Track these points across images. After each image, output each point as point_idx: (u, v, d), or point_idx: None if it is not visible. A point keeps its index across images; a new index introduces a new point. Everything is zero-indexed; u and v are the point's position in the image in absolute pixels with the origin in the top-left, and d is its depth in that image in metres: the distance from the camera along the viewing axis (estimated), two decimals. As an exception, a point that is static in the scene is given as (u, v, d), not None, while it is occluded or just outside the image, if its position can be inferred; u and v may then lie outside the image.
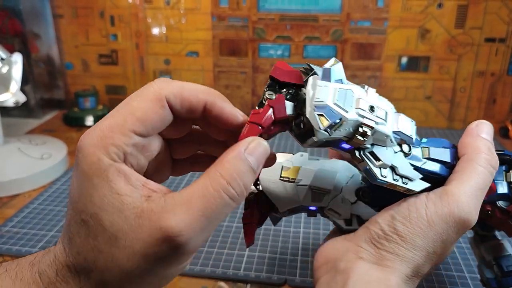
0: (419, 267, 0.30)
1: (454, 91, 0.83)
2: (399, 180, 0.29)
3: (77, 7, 0.87)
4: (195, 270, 0.45)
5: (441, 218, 0.29)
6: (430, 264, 0.30)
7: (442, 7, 0.78)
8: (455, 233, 0.29)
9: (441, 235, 0.29)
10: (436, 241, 0.29)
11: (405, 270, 0.29)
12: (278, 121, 0.27)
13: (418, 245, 0.29)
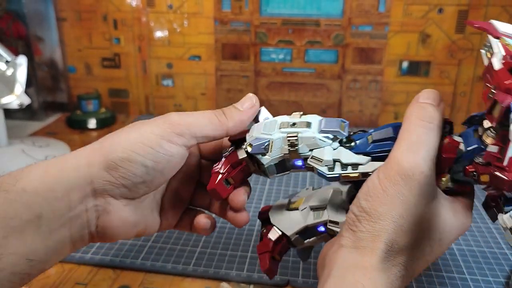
0: (392, 238, 0.29)
1: (454, 96, 0.84)
2: (348, 168, 0.32)
3: (81, 11, 0.88)
4: (199, 271, 0.45)
5: (390, 180, 0.29)
6: (405, 234, 0.29)
7: (443, 12, 0.79)
8: (409, 190, 0.29)
9: (398, 197, 0.29)
10: (395, 203, 0.29)
11: (379, 246, 0.29)
12: (236, 165, 0.35)
13: (381, 213, 0.29)
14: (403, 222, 0.29)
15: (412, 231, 0.29)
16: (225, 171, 0.35)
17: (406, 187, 0.29)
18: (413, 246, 0.30)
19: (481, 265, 0.47)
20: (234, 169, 0.36)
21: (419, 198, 0.29)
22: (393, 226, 0.29)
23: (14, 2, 0.83)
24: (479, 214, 0.57)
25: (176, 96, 0.92)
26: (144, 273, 0.45)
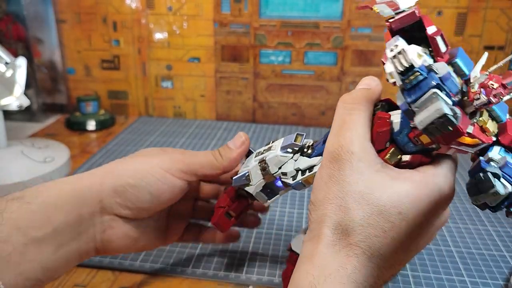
0: (335, 221, 0.29)
1: (453, 98, 0.84)
2: (306, 173, 0.36)
3: (80, 13, 0.88)
4: (197, 272, 0.45)
5: (323, 167, 0.31)
6: (348, 212, 0.29)
7: (442, 15, 0.79)
8: (339, 170, 0.30)
9: (330, 180, 0.30)
10: (329, 186, 0.30)
11: (324, 231, 0.29)
12: (234, 199, 0.41)
13: (320, 200, 0.30)
14: (341, 202, 0.29)
15: (355, 208, 0.29)
16: (226, 205, 0.40)
17: (335, 169, 0.30)
18: (364, 223, 0.29)
19: (480, 267, 0.47)
20: (233, 202, 0.41)
21: (353, 176, 0.29)
22: (332, 208, 0.29)
23: (14, 4, 0.83)
24: (478, 216, 0.57)
25: (175, 98, 0.92)
26: (143, 275, 0.45)
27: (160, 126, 0.87)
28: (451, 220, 0.56)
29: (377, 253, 0.29)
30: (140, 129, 0.86)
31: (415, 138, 0.30)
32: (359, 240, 0.29)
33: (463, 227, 0.54)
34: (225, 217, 0.41)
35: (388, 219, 0.29)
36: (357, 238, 0.29)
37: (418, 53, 0.27)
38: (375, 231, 0.29)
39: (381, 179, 0.30)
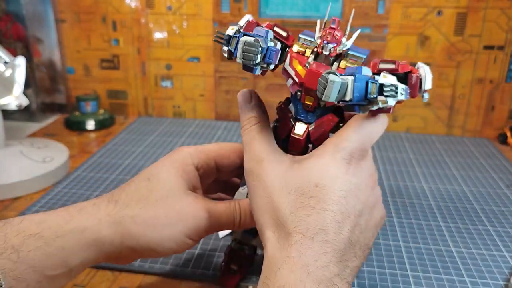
0: (273, 219, 0.31)
1: (453, 98, 0.84)
2: None
3: (80, 12, 0.88)
4: (197, 273, 0.45)
5: (245, 187, 0.35)
6: (277, 210, 0.31)
7: (442, 15, 0.79)
8: (256, 179, 0.33)
9: (251, 189, 0.34)
10: (252, 194, 0.33)
11: (269, 234, 0.31)
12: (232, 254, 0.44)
13: (255, 210, 0.33)
14: (268, 205, 0.32)
15: (281, 202, 0.31)
16: (223, 261, 0.44)
17: (254, 180, 0.33)
18: (293, 209, 0.31)
19: (480, 267, 0.47)
20: (230, 258, 0.44)
21: (269, 177, 0.33)
22: (266, 214, 0.32)
23: (13, 4, 0.83)
24: (478, 216, 0.57)
25: (175, 97, 0.92)
26: (142, 275, 0.45)
27: (159, 126, 0.87)
28: (451, 220, 0.55)
29: (318, 229, 0.29)
30: (139, 128, 0.85)
31: (305, 104, 0.35)
32: (295, 226, 0.30)
33: (463, 227, 0.54)
34: (229, 274, 0.43)
35: (309, 195, 0.30)
36: (293, 225, 0.30)
37: (231, 28, 0.34)
38: (305, 211, 0.30)
39: (290, 168, 0.33)
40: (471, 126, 0.85)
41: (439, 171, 0.69)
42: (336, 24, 0.33)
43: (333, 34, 0.33)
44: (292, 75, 0.35)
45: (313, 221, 0.29)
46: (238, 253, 0.44)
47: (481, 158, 0.75)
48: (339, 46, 0.33)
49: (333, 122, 0.35)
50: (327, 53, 0.34)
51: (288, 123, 0.36)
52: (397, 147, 0.79)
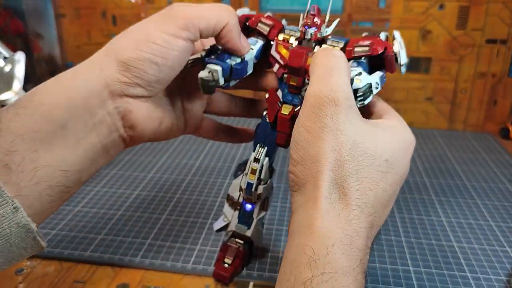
0: (335, 175, 0.28)
1: (455, 92, 0.83)
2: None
3: (79, 7, 0.88)
4: (198, 269, 0.45)
5: (305, 115, 0.31)
6: (343, 167, 0.28)
7: (444, 8, 0.78)
8: (332, 117, 0.29)
9: (318, 125, 0.29)
10: (320, 132, 0.29)
11: (324, 192, 0.27)
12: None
13: (311, 153, 0.29)
14: (336, 155, 0.28)
15: (350, 160, 0.28)
16: (220, 256, 0.44)
17: (328, 116, 0.28)
18: (360, 177, 0.28)
19: (482, 262, 0.46)
20: (224, 252, 0.44)
21: (346, 125, 0.29)
22: (328, 163, 0.28)
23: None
24: (480, 211, 0.56)
25: (175, 93, 0.91)
26: (143, 270, 0.45)
27: (160, 121, 0.87)
28: (453, 215, 0.55)
29: (373, 209, 0.28)
30: (140, 124, 0.85)
31: (290, 86, 0.37)
32: (356, 197, 0.27)
33: (465, 222, 0.54)
34: (222, 266, 0.43)
35: (378, 168, 0.28)
36: (355, 196, 0.27)
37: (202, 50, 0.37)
38: (369, 184, 0.28)
39: (370, 128, 0.30)
40: (473, 121, 0.85)
41: (441, 166, 0.69)
42: (316, 11, 0.37)
43: (312, 19, 0.37)
44: (278, 59, 0.38)
45: (373, 199, 0.28)
46: (233, 247, 0.44)
47: (483, 152, 0.75)
48: (319, 31, 0.37)
49: None
50: (308, 37, 0.37)
51: (276, 106, 0.38)
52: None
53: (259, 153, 0.40)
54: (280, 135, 0.38)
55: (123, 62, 0.31)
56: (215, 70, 0.34)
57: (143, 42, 0.32)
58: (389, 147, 0.29)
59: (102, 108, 0.31)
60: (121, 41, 0.33)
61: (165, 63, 0.32)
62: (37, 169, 0.28)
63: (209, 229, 0.51)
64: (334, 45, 0.37)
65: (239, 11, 0.40)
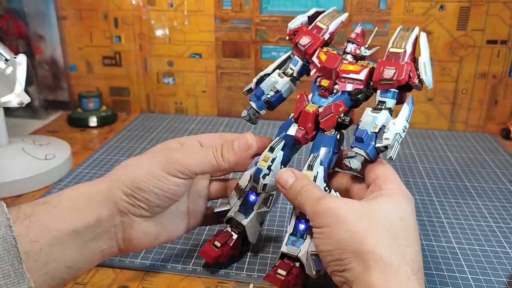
0: (346, 233, 0.33)
1: (456, 93, 0.83)
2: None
3: (81, 9, 0.88)
4: (198, 270, 0.45)
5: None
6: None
7: (444, 9, 0.78)
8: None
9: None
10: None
11: (350, 254, 0.33)
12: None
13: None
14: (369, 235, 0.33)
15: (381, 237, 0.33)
16: (213, 239, 0.44)
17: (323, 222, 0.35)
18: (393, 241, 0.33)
19: (483, 264, 0.46)
20: (217, 236, 0.44)
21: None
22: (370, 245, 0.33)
23: (14, 1, 0.83)
24: (481, 213, 0.56)
25: (177, 94, 0.92)
26: (144, 272, 0.45)
27: (161, 122, 0.87)
28: (454, 216, 0.55)
29: (418, 265, 0.33)
30: (141, 125, 0.85)
31: (321, 88, 0.41)
32: (401, 256, 0.32)
33: (465, 222, 0.54)
34: (211, 247, 0.44)
35: (399, 226, 0.33)
36: (395, 255, 0.32)
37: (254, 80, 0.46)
38: (403, 241, 0.33)
39: (364, 203, 0.35)
40: (474, 121, 0.84)
41: (442, 166, 0.69)
42: (360, 32, 0.42)
43: (355, 37, 0.41)
44: (316, 63, 0.42)
45: (413, 254, 0.32)
46: (226, 233, 0.45)
47: (484, 153, 0.75)
48: (359, 48, 0.41)
49: (342, 108, 0.40)
50: (348, 51, 0.41)
51: (303, 104, 0.41)
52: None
53: (276, 143, 0.41)
54: (299, 130, 0.41)
55: (129, 188, 0.37)
56: (249, 108, 0.45)
57: (146, 177, 0.37)
58: (393, 207, 0.34)
59: (110, 221, 0.37)
60: (127, 172, 0.38)
61: (165, 194, 0.38)
62: (48, 261, 0.32)
63: (209, 230, 0.51)
64: (368, 62, 0.41)
65: (301, 18, 0.46)
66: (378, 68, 0.39)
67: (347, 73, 0.40)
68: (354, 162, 0.38)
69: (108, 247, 0.37)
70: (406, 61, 0.39)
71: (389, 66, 0.38)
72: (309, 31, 0.43)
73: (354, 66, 0.40)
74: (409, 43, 0.39)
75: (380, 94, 0.39)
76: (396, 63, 0.39)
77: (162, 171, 0.37)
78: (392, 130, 0.37)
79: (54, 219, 0.33)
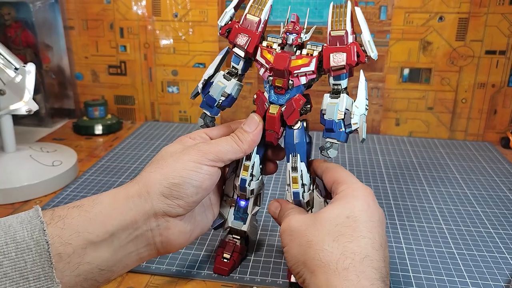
0: (302, 241, 0.37)
1: (455, 102, 0.84)
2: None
3: (88, 20, 0.90)
4: (203, 274, 0.46)
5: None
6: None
7: (443, 20, 0.80)
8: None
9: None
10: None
11: (310, 258, 0.36)
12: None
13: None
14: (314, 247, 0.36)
15: (320, 241, 0.36)
16: (220, 252, 0.46)
17: (286, 239, 0.39)
18: (335, 240, 0.35)
19: (482, 269, 0.47)
20: (224, 248, 0.47)
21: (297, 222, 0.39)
22: (315, 252, 0.35)
23: (23, 11, 0.84)
24: (481, 219, 0.57)
25: (181, 102, 0.93)
26: (149, 276, 0.46)
27: (166, 131, 0.88)
28: (454, 223, 0.56)
29: (364, 255, 0.34)
30: (146, 133, 0.87)
31: (276, 87, 0.42)
32: (342, 252, 0.34)
33: (465, 229, 0.55)
34: (221, 261, 0.46)
35: (344, 225, 0.35)
36: (339, 251, 0.34)
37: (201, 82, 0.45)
38: (345, 239, 0.35)
39: (313, 214, 0.38)
40: (474, 130, 0.86)
41: (442, 174, 0.70)
42: (295, 19, 0.41)
43: (293, 26, 0.41)
44: (263, 63, 0.41)
45: (356, 247, 0.34)
46: (230, 242, 0.47)
47: (484, 161, 0.76)
48: (299, 37, 0.41)
49: (302, 101, 0.41)
50: (290, 42, 0.41)
51: (264, 106, 0.42)
52: (400, 151, 0.80)
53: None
54: (269, 133, 0.42)
55: (168, 187, 0.37)
56: (204, 117, 0.45)
57: (183, 170, 0.38)
58: (340, 209, 0.37)
59: (146, 225, 0.37)
60: (162, 171, 0.38)
61: (201, 185, 0.39)
62: (81, 264, 0.33)
63: (214, 235, 0.52)
64: (313, 49, 0.41)
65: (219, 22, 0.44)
66: (326, 55, 0.39)
67: (298, 68, 0.40)
68: (332, 152, 0.41)
69: (145, 251, 0.38)
70: (351, 42, 0.39)
71: (336, 52, 0.39)
72: (242, 28, 0.42)
73: (303, 60, 0.40)
74: (347, 21, 0.40)
75: (333, 79, 0.41)
76: (342, 47, 0.39)
77: (196, 163, 0.38)
78: (357, 114, 0.40)
79: (88, 223, 0.34)
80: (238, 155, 0.41)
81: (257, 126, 0.42)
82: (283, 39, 0.41)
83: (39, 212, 0.33)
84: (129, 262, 0.37)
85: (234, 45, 0.43)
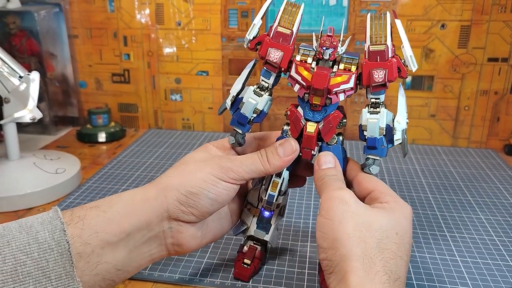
0: (362, 249, 0.34)
1: (458, 110, 0.84)
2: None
3: (92, 28, 0.91)
4: (205, 281, 0.46)
5: (326, 208, 0.38)
6: (366, 242, 0.34)
7: (445, 28, 0.80)
8: (349, 205, 0.37)
9: (339, 213, 0.36)
10: (341, 219, 0.36)
11: (355, 264, 0.33)
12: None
13: (338, 237, 0.35)
14: (359, 233, 0.35)
15: (369, 236, 0.34)
16: (240, 258, 0.46)
17: (346, 205, 0.36)
18: (380, 248, 0.34)
19: (486, 277, 0.47)
20: (244, 253, 0.46)
21: (358, 209, 0.37)
22: (354, 242, 0.34)
23: (27, 20, 0.85)
24: (484, 227, 0.57)
25: (184, 110, 0.93)
26: (152, 283, 0.46)
27: (169, 138, 0.89)
28: (457, 230, 0.56)
29: (398, 275, 0.33)
30: (149, 141, 0.87)
31: (313, 104, 0.40)
32: (383, 265, 0.33)
33: (468, 237, 0.54)
34: (242, 266, 0.46)
35: (392, 240, 0.35)
36: (381, 264, 0.33)
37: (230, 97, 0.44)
38: (389, 254, 0.34)
39: (371, 208, 0.37)
40: (477, 137, 0.85)
41: (445, 182, 0.70)
42: (332, 32, 0.39)
43: (331, 41, 0.39)
44: (299, 80, 0.40)
45: (394, 266, 0.34)
46: (251, 249, 0.46)
47: (487, 169, 0.75)
48: (336, 51, 0.39)
49: (339, 118, 0.40)
50: (327, 58, 0.39)
51: (299, 123, 0.41)
52: (403, 158, 0.80)
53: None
54: (305, 151, 0.42)
55: (184, 194, 0.38)
56: (235, 134, 0.43)
57: (202, 182, 0.39)
58: (392, 223, 0.36)
59: (159, 226, 0.38)
60: (182, 176, 0.39)
61: (217, 199, 0.39)
62: (99, 263, 0.34)
63: (216, 243, 0.52)
64: (350, 62, 0.39)
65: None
66: (365, 71, 0.38)
67: (337, 86, 0.39)
68: (374, 168, 0.41)
69: (157, 251, 0.39)
70: (391, 56, 0.38)
71: (376, 68, 0.38)
72: (273, 42, 0.40)
73: (342, 77, 0.39)
74: (387, 35, 0.39)
75: (372, 94, 0.40)
76: (383, 63, 0.38)
77: (216, 177, 0.39)
78: (399, 129, 0.39)
79: (106, 223, 0.35)
80: (261, 175, 0.41)
81: (291, 154, 0.41)
82: (319, 53, 0.39)
83: (58, 213, 0.34)
84: (142, 262, 0.38)
85: (265, 60, 0.41)
